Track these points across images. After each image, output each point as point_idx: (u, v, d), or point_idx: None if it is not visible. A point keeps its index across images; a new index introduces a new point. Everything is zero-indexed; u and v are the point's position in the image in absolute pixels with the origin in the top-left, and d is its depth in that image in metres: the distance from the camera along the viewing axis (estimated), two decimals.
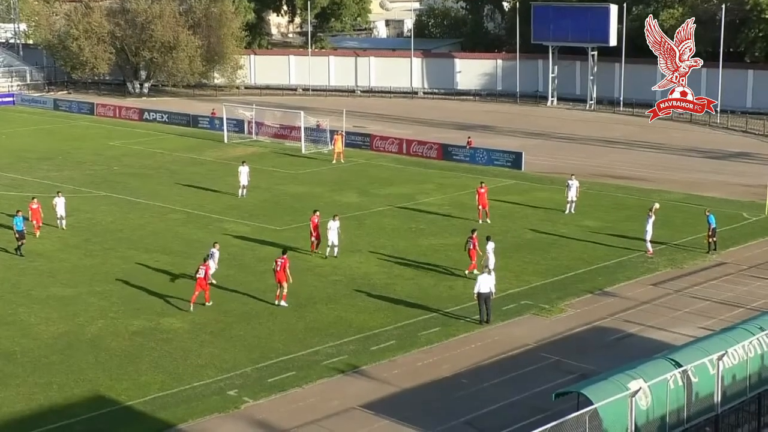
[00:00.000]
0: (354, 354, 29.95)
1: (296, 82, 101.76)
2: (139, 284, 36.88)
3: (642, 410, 21.73)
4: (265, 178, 56.30)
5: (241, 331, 31.97)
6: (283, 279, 34.06)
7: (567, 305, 34.40)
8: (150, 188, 54.56)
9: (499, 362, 29.45)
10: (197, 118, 79.14)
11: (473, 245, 37.13)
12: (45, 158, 64.68)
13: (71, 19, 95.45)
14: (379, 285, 36.68)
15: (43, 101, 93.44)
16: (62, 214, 44.85)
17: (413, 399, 26.91)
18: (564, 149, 67.39)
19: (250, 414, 25.95)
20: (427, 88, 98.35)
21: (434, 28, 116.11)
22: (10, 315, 33.60)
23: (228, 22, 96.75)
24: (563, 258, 40.27)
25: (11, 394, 27.12)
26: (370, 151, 66.06)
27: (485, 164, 60.86)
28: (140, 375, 28.42)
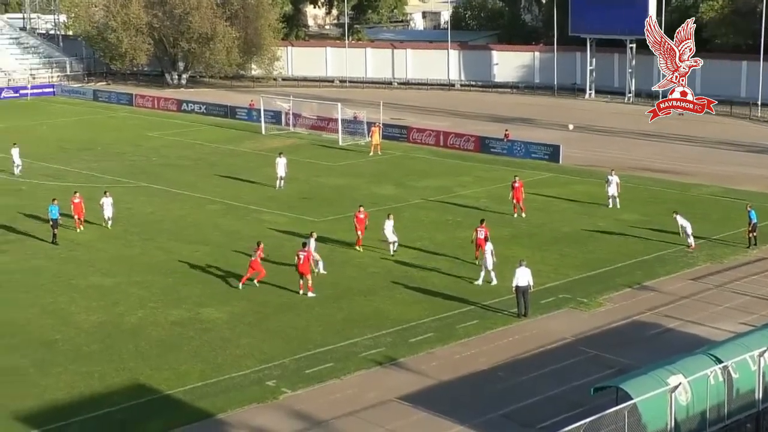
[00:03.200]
0: (391, 346, 30.00)
1: (333, 74, 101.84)
2: (178, 275, 37.16)
3: (682, 406, 21.62)
4: (302, 170, 56.44)
5: (279, 322, 32.12)
6: (307, 271, 34.15)
7: (605, 299, 34.26)
8: (188, 179, 54.88)
9: (536, 356, 29.39)
10: (235, 110, 79.46)
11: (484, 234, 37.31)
12: (84, 149, 65.22)
13: (110, 11, 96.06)
14: (417, 277, 36.71)
15: (82, 92, 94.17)
16: (109, 215, 43.49)
17: (450, 391, 26.93)
18: (602, 142, 67.04)
19: (289, 404, 26.09)
20: (464, 80, 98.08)
21: (471, 20, 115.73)
22: (51, 304, 33.98)
23: (265, 13, 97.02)
24: (601, 252, 40.09)
25: (53, 382, 27.44)
26: (408, 143, 66.02)
27: (522, 157, 60.66)
28: (180, 364, 28.64)
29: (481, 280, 35.46)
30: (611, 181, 47.32)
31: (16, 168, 55.64)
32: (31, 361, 28.93)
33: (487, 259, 35.38)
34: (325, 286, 35.34)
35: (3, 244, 41.67)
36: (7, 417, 25.37)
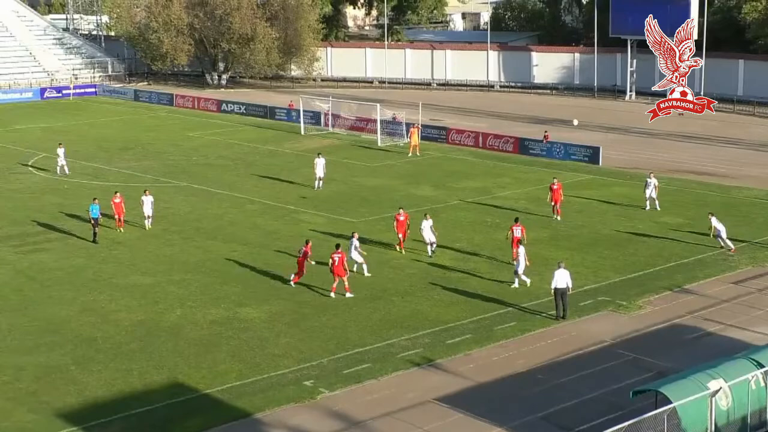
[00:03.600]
0: (429, 347, 29.97)
1: (372, 75, 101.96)
2: (216, 274, 37.36)
3: (722, 410, 21.43)
4: (340, 170, 56.54)
5: (317, 322, 32.19)
6: (342, 273, 34.16)
7: (645, 302, 34.00)
8: (227, 179, 55.15)
9: (575, 358, 29.23)
10: (274, 110, 79.77)
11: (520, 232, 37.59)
12: (125, 148, 65.75)
13: (152, 12, 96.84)
14: (455, 278, 36.64)
15: (123, 92, 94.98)
16: (149, 214, 43.54)
17: (488, 393, 26.85)
18: (643, 144, 66.58)
19: (326, 404, 26.13)
20: (504, 81, 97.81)
21: (511, 21, 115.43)
22: (92, 302, 34.29)
23: (305, 14, 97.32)
24: (641, 254, 39.80)
25: (93, 380, 27.68)
26: (446, 144, 65.95)
27: (562, 159, 60.38)
28: (218, 363, 28.78)
29: (517, 283, 35.30)
30: (649, 183, 46.97)
31: (60, 167, 56.12)
32: (72, 359, 29.21)
33: (519, 261, 35.21)
34: (362, 287, 35.38)
35: (45, 242, 42.11)
36: (49, 414, 25.62)
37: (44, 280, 36.84)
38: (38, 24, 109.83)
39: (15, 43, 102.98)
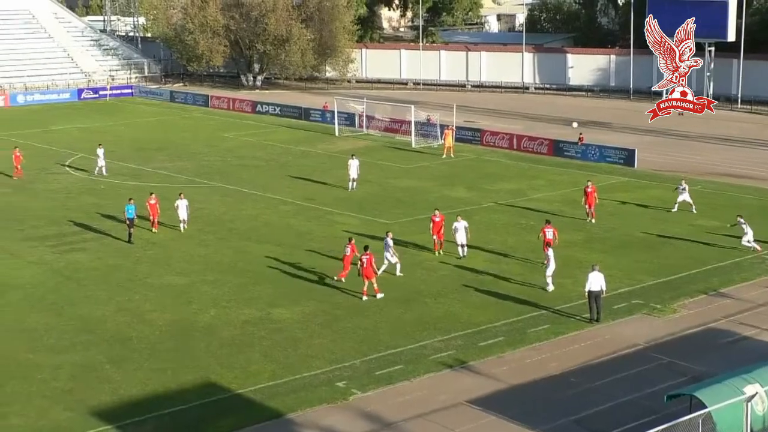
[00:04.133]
0: (462, 349, 29.92)
1: (407, 76, 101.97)
2: (250, 274, 37.50)
3: (758, 416, 21.23)
4: (375, 172, 56.59)
5: (350, 323, 32.22)
6: (372, 275, 34.12)
7: (680, 305, 33.76)
8: (262, 180, 55.35)
9: (609, 361, 29.07)
10: (309, 111, 79.96)
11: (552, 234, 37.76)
12: (161, 149, 66.17)
13: (188, 13, 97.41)
14: (488, 280, 36.56)
15: (159, 93, 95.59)
16: (184, 218, 43.52)
17: (521, 396, 26.77)
18: (679, 147, 66.10)
19: (358, 406, 26.15)
20: (539, 83, 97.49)
21: (546, 23, 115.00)
22: (127, 302, 34.53)
23: (340, 15, 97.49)
24: (676, 257, 39.51)
25: (127, 378, 27.87)
26: (481, 146, 65.82)
27: (597, 161, 60.07)
28: (251, 364, 28.89)
29: (551, 287, 35.12)
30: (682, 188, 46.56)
31: (99, 168, 56.51)
32: (107, 358, 29.43)
33: (549, 264, 34.96)
34: (395, 288, 35.40)
35: (81, 242, 42.46)
36: (84, 412, 25.83)
37: (80, 280, 37.15)
38: (76, 25, 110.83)
39: (53, 45, 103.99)
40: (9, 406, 26.21)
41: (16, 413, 25.84)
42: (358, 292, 34.66)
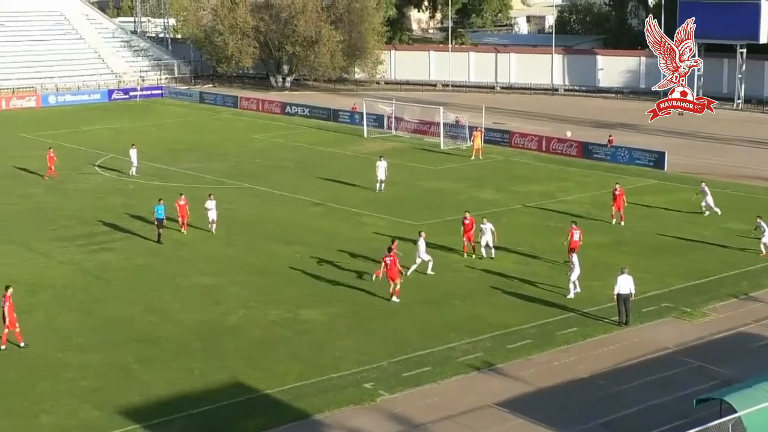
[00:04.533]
0: (490, 351, 29.84)
1: (436, 78, 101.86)
2: (278, 275, 37.57)
3: None
4: (403, 173, 56.56)
5: (378, 324, 32.21)
6: (396, 276, 34.00)
7: (710, 309, 33.51)
8: (290, 181, 55.45)
9: (637, 365, 28.89)
10: (338, 113, 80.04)
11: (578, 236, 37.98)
12: (190, 149, 66.44)
13: (218, 15, 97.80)
14: (516, 282, 36.45)
15: (189, 94, 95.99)
16: (214, 218, 43.44)
17: (549, 399, 26.67)
18: (709, 149, 65.64)
19: (386, 407, 26.13)
20: (568, 85, 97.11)
21: (576, 24, 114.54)
22: (156, 302, 34.69)
23: (369, 17, 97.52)
24: (706, 261, 39.24)
25: (155, 378, 27.99)
26: (509, 148, 65.65)
27: (626, 163, 59.74)
28: (278, 364, 28.94)
29: (573, 293, 34.74)
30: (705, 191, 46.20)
31: (133, 168, 56.77)
32: (135, 357, 29.57)
33: (573, 269, 34.52)
34: (423, 290, 35.37)
35: (110, 242, 42.70)
36: (112, 411, 25.96)
37: (109, 280, 37.36)
38: (107, 27, 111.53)
39: (84, 46, 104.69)
40: (39, 405, 26.40)
41: (45, 412, 26.02)
42: (387, 295, 34.60)
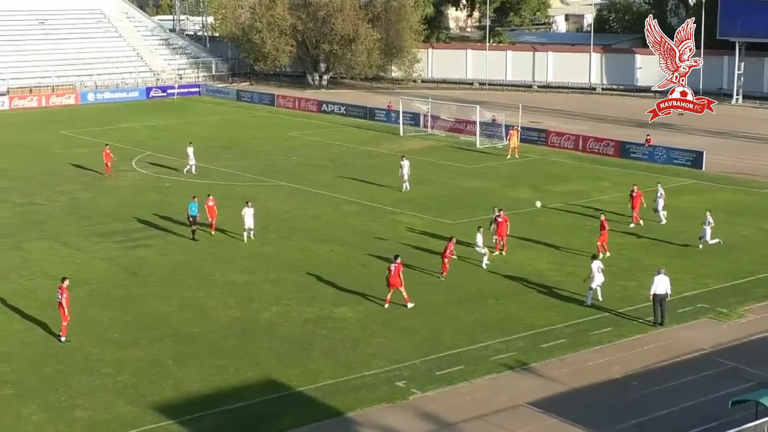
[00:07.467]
0: (523, 351, 29.73)
1: (473, 77, 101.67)
2: (312, 273, 37.64)
3: None
4: (439, 172, 56.47)
5: (411, 323, 32.19)
6: (398, 284, 33.32)
7: (747, 310, 33.19)
8: (325, 179, 55.54)
9: (672, 366, 28.67)
10: (374, 111, 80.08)
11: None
12: (227, 147, 66.73)
13: (256, 13, 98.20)
14: (550, 282, 36.28)
15: (226, 92, 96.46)
16: (250, 226, 42.16)
17: (582, 399, 26.53)
18: (749, 149, 64.97)
19: (418, 406, 26.11)
20: (606, 83, 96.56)
21: (615, 23, 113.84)
22: (191, 299, 34.88)
23: (407, 15, 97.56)
24: (744, 261, 38.87)
25: (190, 374, 28.14)
26: (546, 147, 65.36)
27: (664, 163, 59.28)
28: (311, 362, 29.00)
29: (590, 299, 33.74)
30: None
31: (189, 166, 56.91)
32: (169, 353, 29.76)
33: (593, 276, 33.51)
34: (456, 289, 35.32)
35: (145, 239, 42.98)
36: (146, 407, 26.14)
37: (144, 276, 37.62)
38: (146, 25, 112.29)
39: (123, 44, 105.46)
40: (74, 399, 26.64)
41: (80, 406, 26.24)
42: (420, 294, 34.53)
